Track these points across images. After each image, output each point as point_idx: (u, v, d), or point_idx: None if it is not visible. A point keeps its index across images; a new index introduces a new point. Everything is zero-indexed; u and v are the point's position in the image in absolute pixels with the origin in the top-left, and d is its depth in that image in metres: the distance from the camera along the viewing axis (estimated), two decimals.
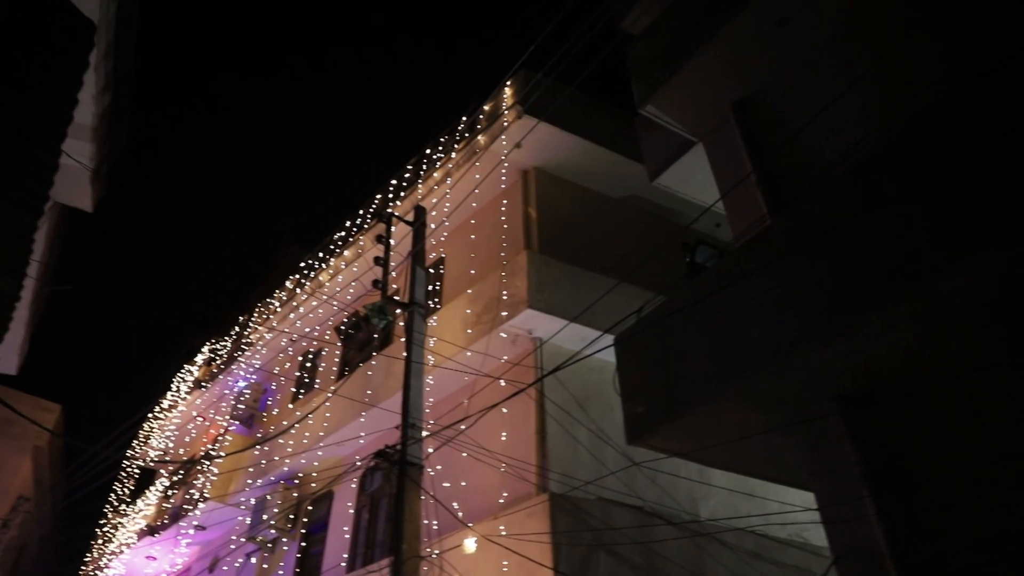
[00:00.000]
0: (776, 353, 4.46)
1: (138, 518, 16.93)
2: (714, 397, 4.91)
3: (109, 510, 20.52)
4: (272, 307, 15.96)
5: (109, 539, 18.84)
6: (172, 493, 15.96)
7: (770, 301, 4.69)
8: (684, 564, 7.39)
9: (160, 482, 17.24)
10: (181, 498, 15.20)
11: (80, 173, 9.06)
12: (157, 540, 15.23)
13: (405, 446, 6.81)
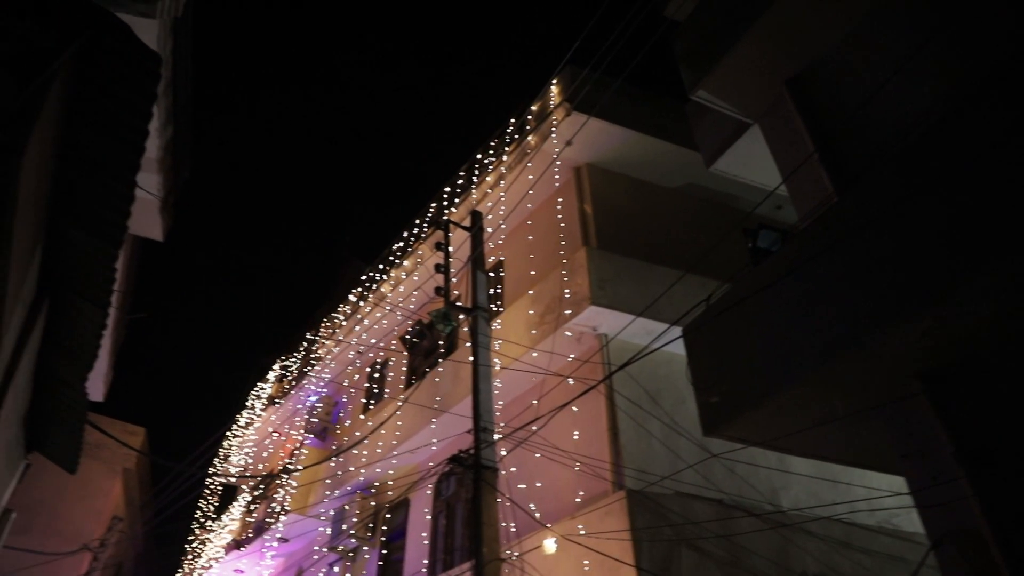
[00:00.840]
0: (854, 334, 4.29)
1: (224, 533, 17.48)
2: (791, 383, 4.77)
3: (196, 526, 21.27)
4: (337, 321, 16.29)
5: (198, 554, 19.50)
6: (254, 507, 16.42)
7: (844, 280, 4.53)
8: (769, 556, 7.20)
9: (242, 497, 17.78)
10: (263, 512, 15.63)
11: (150, 204, 9.45)
12: (243, 554, 15.67)
13: (479, 449, 6.84)
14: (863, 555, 7.64)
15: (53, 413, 5.06)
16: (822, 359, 4.49)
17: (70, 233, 3.46)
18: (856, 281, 4.44)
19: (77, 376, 4.48)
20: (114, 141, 3.06)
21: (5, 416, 3.69)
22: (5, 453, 4.44)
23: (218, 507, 20.70)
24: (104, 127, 3.07)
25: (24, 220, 2.78)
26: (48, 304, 3.86)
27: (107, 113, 3.02)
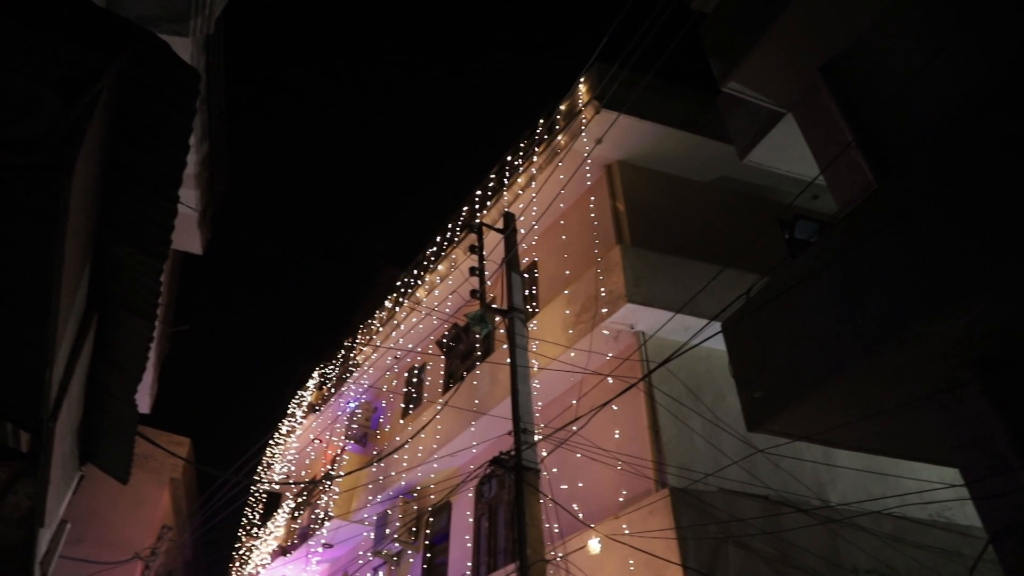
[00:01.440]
0: (901, 322, 4.19)
1: (270, 540, 17.74)
2: (836, 375, 4.68)
3: (243, 534, 21.63)
4: (374, 327, 16.44)
5: (245, 561, 19.83)
6: (299, 514, 16.64)
7: (889, 268, 4.43)
8: (819, 552, 7.07)
9: (286, 504, 18.03)
10: (308, 518, 15.83)
11: (189, 218, 9.63)
12: (289, 560, 15.88)
13: (519, 451, 6.83)
14: (916, 550, 7.46)
15: (105, 425, 5.19)
16: (868, 349, 4.40)
17: (117, 249, 3.55)
18: (901, 269, 4.33)
19: (127, 389, 4.59)
20: (157, 157, 3.13)
21: (60, 429, 3.79)
22: (62, 465, 4.56)
23: (263, 514, 21.03)
24: (147, 143, 3.14)
25: (74, 237, 2.85)
26: (97, 319, 3.96)
27: (149, 129, 3.09)
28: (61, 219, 2.51)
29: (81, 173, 2.50)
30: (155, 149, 3.10)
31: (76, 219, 2.72)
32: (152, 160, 3.12)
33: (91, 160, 2.73)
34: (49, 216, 2.70)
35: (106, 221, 3.53)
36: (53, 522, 5.43)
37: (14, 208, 3.00)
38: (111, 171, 3.30)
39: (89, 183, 2.95)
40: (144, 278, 3.63)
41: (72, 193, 2.41)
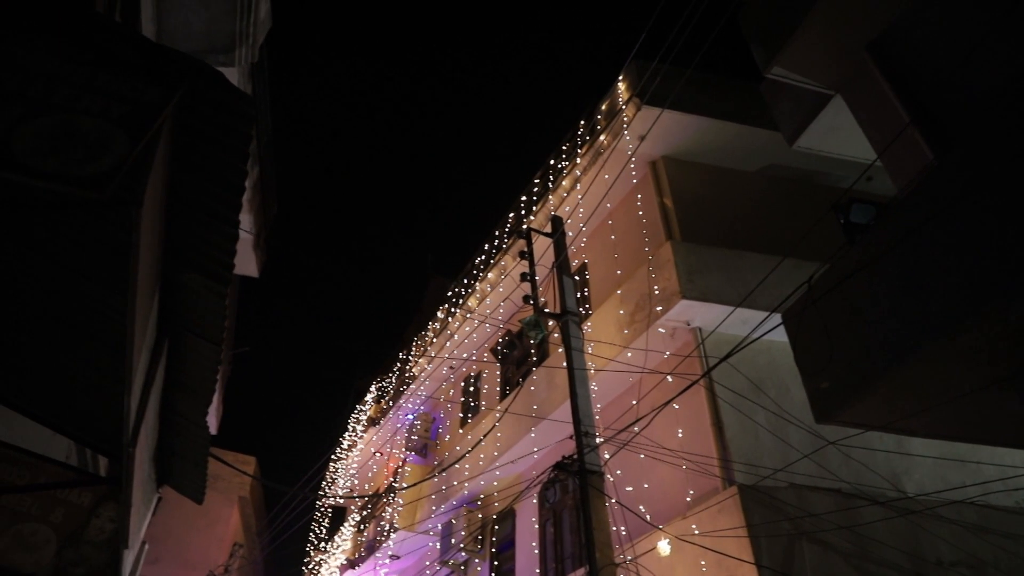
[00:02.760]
0: (977, 301, 4.03)
1: (338, 553, 18.01)
2: (908, 361, 4.52)
3: (311, 548, 22.01)
4: (428, 339, 16.58)
5: (315, 575, 20.17)
6: (364, 527, 16.86)
7: (958, 247, 4.27)
8: (899, 545, 6.83)
9: (352, 518, 18.29)
10: (373, 531, 16.03)
11: (244, 242, 9.89)
12: (358, 573, 16.09)
13: (582, 455, 6.80)
14: (1004, 539, 7.15)
15: (179, 448, 5.34)
16: (942, 332, 4.24)
17: (183, 276, 3.65)
18: (972, 246, 4.17)
19: (198, 411, 4.72)
20: (216, 184, 3.21)
21: (139, 455, 3.92)
22: (142, 489, 4.71)
23: (329, 529, 21.36)
24: (206, 172, 3.23)
25: (144, 267, 2.95)
26: (167, 345, 4.09)
27: (208, 158, 3.17)
28: (133, 251, 2.59)
29: (148, 205, 2.58)
30: (214, 177, 3.19)
31: (146, 250, 2.81)
32: (212, 188, 3.20)
33: (156, 192, 2.82)
34: (121, 248, 2.80)
35: (171, 250, 3.64)
36: (136, 544, 5.61)
37: (88, 242, 3.12)
38: (173, 201, 3.40)
39: (155, 214, 3.05)
40: (210, 303, 3.73)
41: (141, 224, 2.49)
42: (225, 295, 3.61)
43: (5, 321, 4.05)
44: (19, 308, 3.97)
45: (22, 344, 4.36)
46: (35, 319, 4.07)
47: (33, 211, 3.04)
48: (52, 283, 3.65)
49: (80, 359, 4.18)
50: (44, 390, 4.94)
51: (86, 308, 3.50)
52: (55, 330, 4.01)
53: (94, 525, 5.26)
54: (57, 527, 5.23)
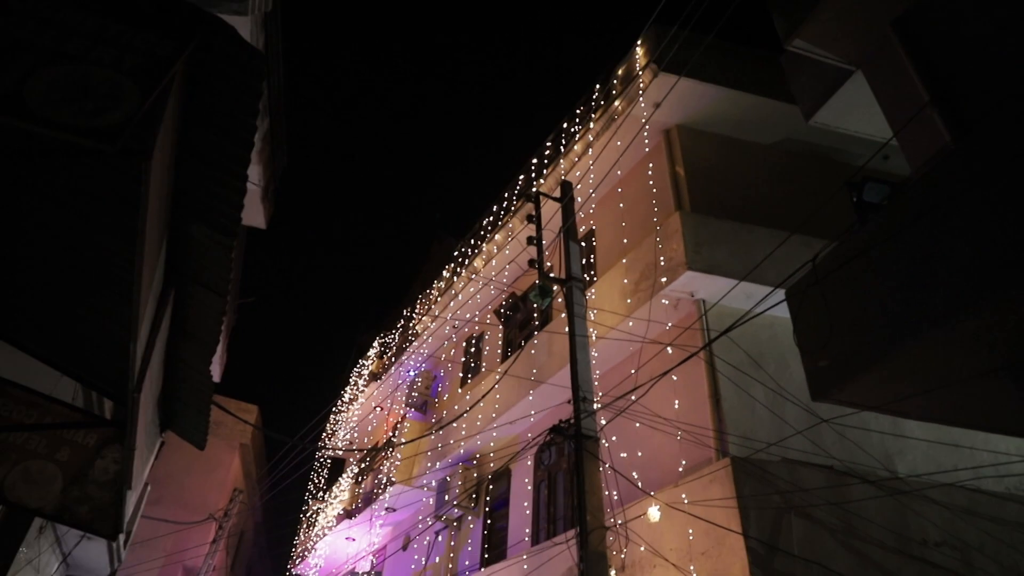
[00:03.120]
0: (982, 287, 4.02)
1: (335, 503, 18.38)
2: (908, 344, 4.53)
3: (309, 497, 22.46)
4: (432, 297, 16.66)
5: (312, 524, 20.61)
6: (362, 479, 17.17)
7: (967, 232, 4.25)
8: (886, 524, 6.94)
9: (350, 470, 18.61)
10: (371, 483, 16.33)
11: (252, 194, 9.88)
12: (354, 523, 16.44)
13: (578, 419, 6.88)
14: (991, 523, 7.25)
15: (182, 395, 5.43)
16: (944, 317, 4.24)
17: (190, 227, 3.68)
18: (982, 232, 4.15)
19: (202, 360, 4.79)
20: (225, 138, 3.21)
21: (144, 399, 3.99)
22: (145, 432, 4.80)
23: (328, 479, 21.75)
24: (215, 125, 3.22)
25: (153, 218, 2.97)
26: (174, 294, 4.13)
27: (217, 111, 3.16)
28: (142, 202, 2.61)
29: (158, 157, 2.59)
30: (223, 130, 3.19)
31: (154, 201, 2.83)
32: (221, 141, 3.21)
33: (165, 144, 2.83)
34: (131, 199, 2.82)
35: (179, 201, 3.65)
36: (139, 485, 5.75)
37: (98, 192, 3.14)
38: (182, 153, 3.41)
39: (164, 166, 3.06)
40: (216, 254, 3.76)
41: (151, 176, 2.50)
42: (232, 248, 3.64)
43: (17, 264, 4.10)
44: (30, 253, 4.02)
45: (32, 288, 4.42)
46: (46, 264, 4.11)
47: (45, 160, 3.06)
48: (63, 230, 3.68)
49: (89, 305, 4.23)
50: (53, 333, 5.01)
51: (95, 255, 3.53)
52: (65, 276, 4.06)
53: (99, 466, 5.39)
54: (63, 466, 5.36)
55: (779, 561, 6.40)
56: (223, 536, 19.59)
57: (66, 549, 10.31)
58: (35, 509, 5.25)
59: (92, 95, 2.32)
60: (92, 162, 2.90)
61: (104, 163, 2.88)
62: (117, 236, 3.36)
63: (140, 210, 2.60)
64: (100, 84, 2.35)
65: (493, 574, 10.27)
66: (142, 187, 2.49)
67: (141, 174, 2.49)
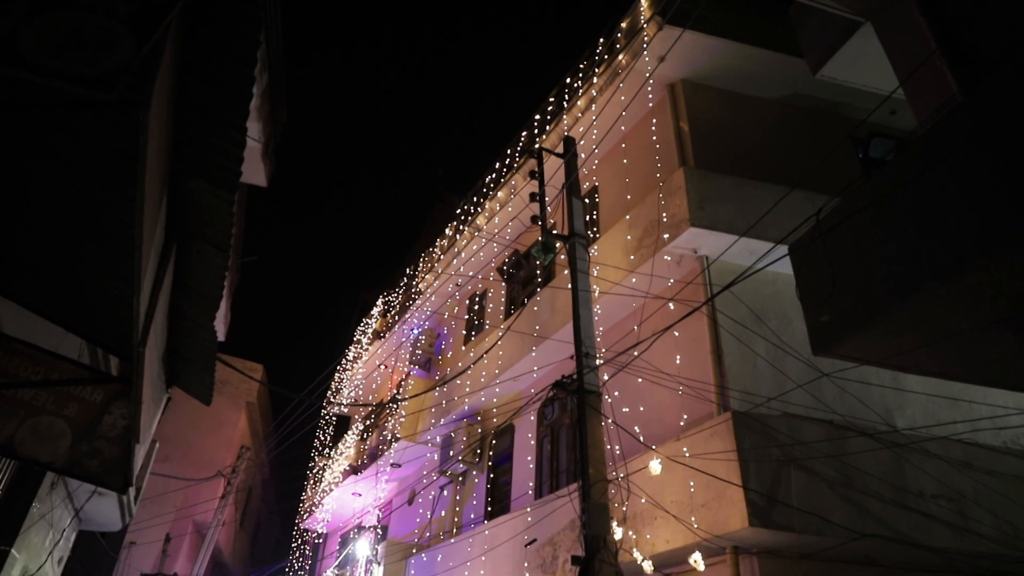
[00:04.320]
0: (987, 241, 4.00)
1: (341, 460, 18.65)
2: (910, 298, 4.53)
3: (315, 454, 22.78)
4: (435, 255, 16.65)
5: (319, 479, 20.95)
6: (367, 436, 17.39)
7: (974, 187, 4.21)
8: (883, 476, 7.03)
9: (355, 427, 18.84)
10: (376, 440, 16.53)
11: (252, 151, 9.81)
12: (360, 478, 16.69)
13: (581, 374, 6.93)
14: (987, 476, 7.34)
15: (187, 351, 5.48)
16: (948, 271, 4.23)
17: (190, 182, 3.66)
18: (988, 185, 4.11)
19: (205, 316, 4.82)
20: (223, 90, 3.18)
21: (149, 355, 4.03)
22: (151, 387, 4.86)
23: (334, 436, 22.03)
24: (213, 77, 3.19)
25: (151, 172, 2.95)
26: (175, 250, 4.13)
27: (214, 62, 3.12)
28: (140, 154, 2.60)
29: (155, 109, 2.56)
30: (221, 82, 3.15)
31: (153, 154, 2.81)
32: (219, 93, 3.17)
33: (163, 96, 2.80)
34: (128, 152, 2.80)
35: (178, 156, 3.63)
36: (147, 440, 5.84)
37: (97, 146, 3.11)
38: (180, 107, 3.37)
39: (162, 119, 3.03)
40: (217, 209, 3.75)
41: (149, 128, 2.48)
42: (232, 202, 3.63)
43: (18, 222, 4.09)
44: (30, 210, 4.00)
45: (35, 245, 4.42)
46: (47, 221, 4.10)
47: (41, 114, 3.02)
48: (62, 186, 3.67)
49: (92, 261, 4.24)
50: (57, 290, 5.03)
51: (96, 211, 3.52)
52: (67, 232, 4.05)
53: (107, 421, 5.46)
54: (71, 421, 5.44)
55: (778, 513, 6.51)
56: (231, 492, 19.94)
57: (78, 504, 10.51)
58: (46, 464, 5.34)
59: (86, 43, 2.29)
60: (89, 115, 2.88)
61: (101, 116, 2.86)
62: (117, 190, 3.34)
63: (139, 163, 2.58)
64: (94, 32, 2.32)
65: (497, 526, 10.47)
66: (140, 139, 2.47)
67: (139, 125, 2.47)
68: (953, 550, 6.79)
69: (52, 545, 10.02)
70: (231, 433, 24.06)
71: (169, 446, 19.48)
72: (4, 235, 4.24)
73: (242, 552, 29.11)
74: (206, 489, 20.37)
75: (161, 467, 17.44)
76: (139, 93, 2.34)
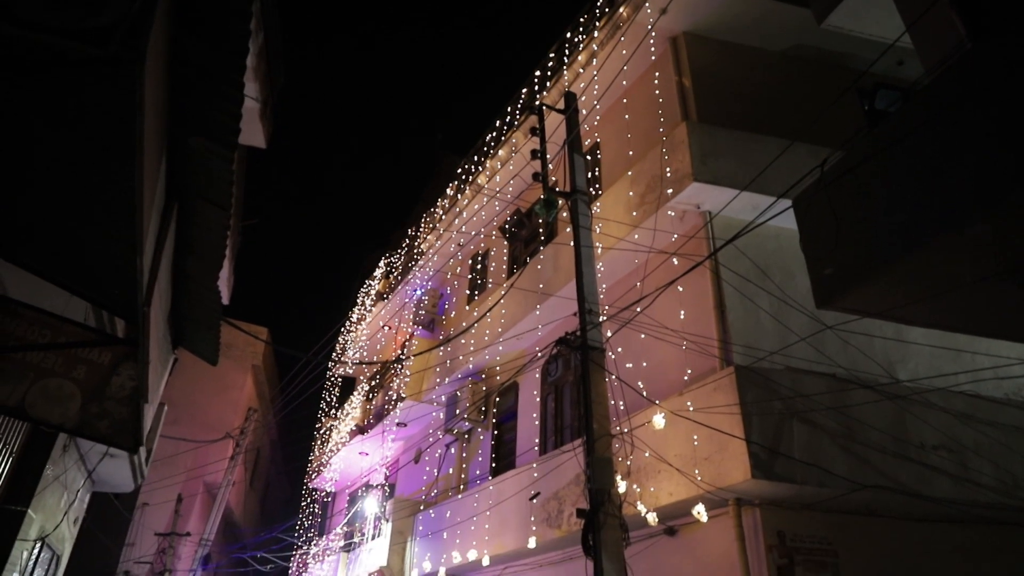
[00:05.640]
0: (993, 192, 3.97)
1: (348, 420, 18.86)
2: (915, 249, 4.51)
3: (322, 415, 23.04)
4: (437, 216, 16.59)
5: (326, 440, 21.22)
6: (373, 396, 17.56)
7: (981, 136, 4.15)
8: (885, 428, 7.10)
9: (361, 387, 19.00)
10: (381, 400, 16.69)
11: (250, 112, 9.70)
12: (366, 438, 16.89)
13: (584, 330, 6.95)
14: (988, 427, 7.41)
15: (191, 311, 5.51)
16: (953, 222, 4.21)
17: (189, 140, 3.63)
18: (995, 135, 4.06)
19: (209, 275, 4.83)
20: (219, 46, 3.13)
21: (154, 315, 4.05)
22: (158, 348, 4.90)
23: (339, 397, 22.24)
24: (208, 33, 3.14)
25: (150, 130, 2.93)
26: (177, 209, 4.12)
27: (209, 18, 3.07)
28: (138, 111, 2.57)
29: (151, 65, 2.53)
30: (217, 38, 3.10)
31: (150, 112, 2.78)
32: (215, 49, 3.13)
33: (158, 51, 2.76)
34: (126, 108, 2.77)
35: (176, 114, 3.60)
36: (155, 399, 5.90)
37: (93, 105, 3.08)
38: (177, 63, 3.33)
39: (158, 75, 3.00)
40: (217, 168, 3.73)
41: (145, 83, 2.45)
42: (232, 160, 3.60)
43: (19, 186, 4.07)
44: (30, 172, 3.98)
45: (37, 209, 4.40)
46: (47, 184, 4.08)
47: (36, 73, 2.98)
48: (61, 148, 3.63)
49: (93, 223, 4.22)
50: (60, 254, 5.03)
51: (96, 172, 3.50)
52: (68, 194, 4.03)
53: (115, 383, 5.51)
54: (80, 383, 5.49)
55: (780, 465, 6.59)
56: (240, 453, 20.24)
57: (90, 466, 10.67)
58: (57, 425, 5.40)
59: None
60: (85, 72, 2.84)
61: (96, 72, 2.82)
62: (115, 150, 3.31)
63: (136, 119, 2.56)
64: None
65: (503, 482, 10.63)
66: (136, 94, 2.44)
67: (135, 80, 2.44)
68: (953, 500, 6.89)
69: (67, 506, 10.21)
70: (238, 396, 24.34)
71: (177, 410, 19.72)
72: (6, 200, 4.22)
73: (253, 511, 29.68)
74: (215, 451, 20.68)
75: (170, 430, 17.67)
76: (133, 48, 2.31)
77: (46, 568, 10.35)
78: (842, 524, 7.02)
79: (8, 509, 7.98)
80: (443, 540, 11.85)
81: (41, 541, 9.23)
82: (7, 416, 6.37)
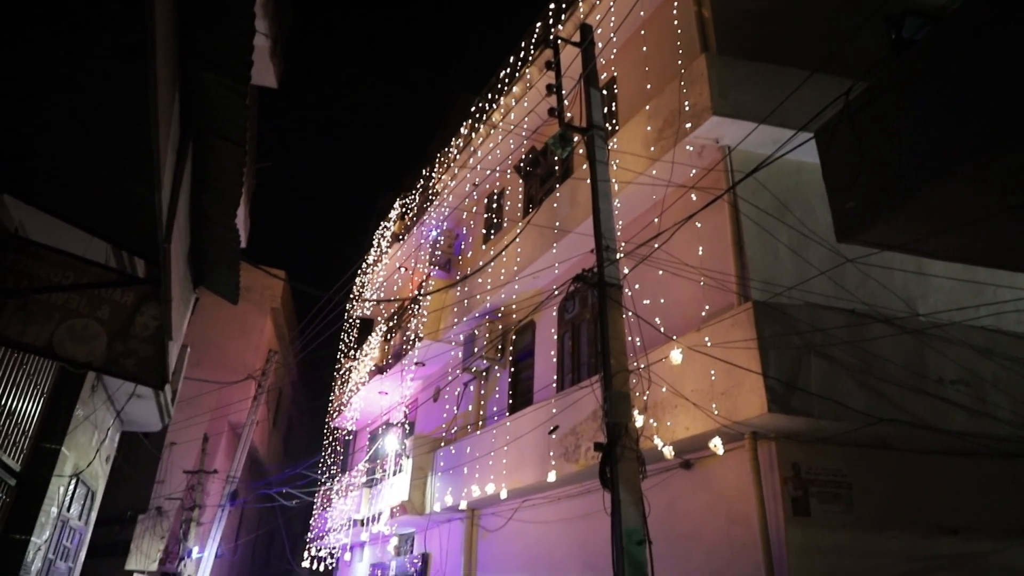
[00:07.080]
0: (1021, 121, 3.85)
1: (367, 360, 19.12)
2: (941, 179, 4.41)
3: (341, 356, 23.37)
4: (451, 155, 16.43)
5: (346, 380, 21.58)
6: (391, 336, 17.75)
7: (1011, 62, 4.00)
8: (903, 363, 7.09)
9: (379, 328, 19.20)
10: (399, 339, 16.88)
11: (261, 51, 9.56)
12: (385, 377, 17.15)
13: (602, 266, 6.94)
14: (1008, 362, 7.38)
15: (210, 250, 5.55)
16: (979, 152, 4.10)
17: (201, 75, 3.59)
18: None
19: (226, 213, 4.84)
20: None
21: (175, 253, 4.08)
22: (179, 286, 4.96)
23: (358, 338, 22.50)
24: None
25: (162, 67, 2.89)
26: (192, 147, 4.10)
27: None
28: (150, 47, 2.53)
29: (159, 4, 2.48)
30: None
31: (162, 48, 2.74)
32: None
33: None
34: (137, 45, 2.73)
35: (188, 50, 3.55)
36: (179, 338, 6.01)
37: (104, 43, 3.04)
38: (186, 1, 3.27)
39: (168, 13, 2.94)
40: (230, 102, 3.69)
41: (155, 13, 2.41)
42: (245, 94, 3.56)
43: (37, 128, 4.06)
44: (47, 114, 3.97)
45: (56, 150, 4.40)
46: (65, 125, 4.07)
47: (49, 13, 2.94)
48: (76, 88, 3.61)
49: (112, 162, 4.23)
50: (80, 195, 5.06)
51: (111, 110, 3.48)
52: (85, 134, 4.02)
53: (139, 322, 5.61)
54: (105, 323, 5.59)
55: (796, 399, 6.63)
56: (263, 393, 20.65)
57: (118, 406, 10.95)
58: (85, 363, 5.53)
59: None
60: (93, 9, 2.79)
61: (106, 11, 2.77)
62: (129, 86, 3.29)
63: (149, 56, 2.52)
64: None
65: (521, 418, 10.80)
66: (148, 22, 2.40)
67: (146, 16, 2.39)
68: (969, 432, 6.92)
69: (99, 444, 10.54)
70: (258, 338, 24.72)
71: (199, 352, 20.08)
72: (25, 144, 4.23)
73: (276, 449, 30.50)
74: (238, 391, 21.12)
75: (193, 372, 18.01)
76: None
77: (82, 503, 10.76)
78: (857, 457, 7.09)
79: (43, 447, 8.26)
80: (463, 475, 12.13)
81: (76, 477, 9.56)
82: (37, 355, 6.52)
